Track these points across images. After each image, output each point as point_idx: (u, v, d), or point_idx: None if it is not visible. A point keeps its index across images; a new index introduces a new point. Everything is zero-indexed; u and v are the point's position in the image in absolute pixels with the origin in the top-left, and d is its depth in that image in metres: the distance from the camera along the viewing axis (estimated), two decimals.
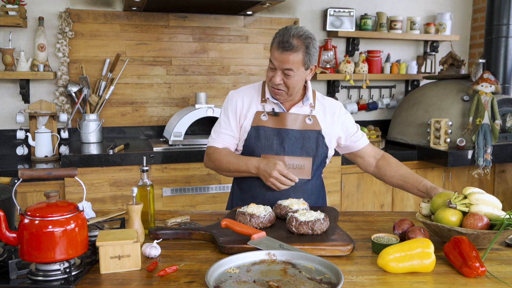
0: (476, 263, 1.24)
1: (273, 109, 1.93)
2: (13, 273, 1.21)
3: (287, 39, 1.77)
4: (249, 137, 1.93)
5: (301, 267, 1.26)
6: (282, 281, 1.17)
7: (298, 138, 1.92)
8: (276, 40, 1.80)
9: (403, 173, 1.95)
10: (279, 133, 1.91)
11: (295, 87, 1.87)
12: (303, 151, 1.92)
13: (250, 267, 1.26)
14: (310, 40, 1.80)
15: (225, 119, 1.97)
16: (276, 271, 1.24)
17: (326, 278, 1.19)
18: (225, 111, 1.99)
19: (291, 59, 1.78)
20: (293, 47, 1.77)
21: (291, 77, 1.82)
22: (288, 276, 1.21)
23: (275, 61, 1.81)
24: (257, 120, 1.93)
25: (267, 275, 1.22)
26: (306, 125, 1.93)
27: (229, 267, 1.25)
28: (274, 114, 1.92)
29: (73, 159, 2.80)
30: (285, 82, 1.84)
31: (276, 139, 1.91)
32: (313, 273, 1.23)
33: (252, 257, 1.30)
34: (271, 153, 1.91)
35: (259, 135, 1.91)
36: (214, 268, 1.21)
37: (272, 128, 1.92)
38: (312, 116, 1.95)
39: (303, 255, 1.30)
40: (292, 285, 1.16)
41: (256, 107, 1.95)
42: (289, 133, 1.91)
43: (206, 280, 1.14)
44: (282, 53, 1.78)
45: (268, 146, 1.91)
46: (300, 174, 1.92)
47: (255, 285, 1.16)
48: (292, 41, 1.77)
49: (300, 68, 1.82)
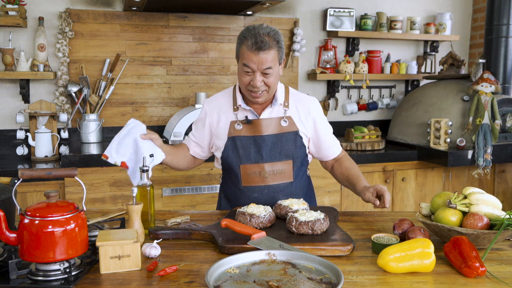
0: (476, 263, 1.24)
1: (246, 116, 1.90)
2: (13, 273, 1.21)
3: (261, 38, 1.73)
4: (226, 148, 1.90)
5: (301, 267, 1.26)
6: (282, 281, 1.17)
7: (276, 143, 1.89)
8: (248, 43, 1.74)
9: (349, 175, 1.94)
10: (255, 141, 1.89)
11: (275, 85, 1.85)
12: (282, 155, 1.90)
13: (250, 267, 1.26)
14: (278, 35, 1.79)
15: (195, 128, 2.00)
16: (276, 271, 1.24)
17: (326, 278, 1.19)
18: (198, 120, 2.00)
19: (269, 58, 1.75)
20: (268, 46, 1.74)
21: (270, 76, 1.79)
22: (288, 276, 1.21)
23: (251, 63, 1.76)
24: (232, 130, 1.90)
25: (267, 275, 1.22)
26: (281, 128, 1.90)
27: (229, 267, 1.25)
28: (247, 122, 1.89)
29: (73, 159, 2.80)
30: (265, 83, 1.80)
31: (253, 147, 1.88)
32: (313, 273, 1.23)
33: (252, 257, 1.30)
34: (250, 162, 1.89)
35: (236, 145, 1.89)
36: (214, 268, 1.21)
37: (247, 137, 1.89)
38: (287, 117, 1.92)
39: (303, 255, 1.30)
40: (292, 285, 1.16)
41: (228, 116, 1.92)
42: (265, 139, 1.89)
43: (206, 280, 1.14)
44: (258, 54, 1.74)
45: (246, 156, 1.89)
46: (281, 178, 1.92)
47: (255, 285, 1.16)
48: (266, 40, 1.73)
49: (276, 65, 1.81)
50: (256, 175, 1.90)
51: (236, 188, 1.94)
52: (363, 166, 3.31)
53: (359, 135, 3.56)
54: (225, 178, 2.01)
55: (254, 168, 1.89)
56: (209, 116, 1.94)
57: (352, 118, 4.08)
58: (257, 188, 1.91)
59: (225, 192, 2.02)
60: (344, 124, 4.01)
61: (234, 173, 1.92)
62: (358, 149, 3.48)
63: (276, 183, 1.91)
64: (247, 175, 1.90)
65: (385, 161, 3.38)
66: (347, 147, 3.48)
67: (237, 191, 1.94)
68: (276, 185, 1.91)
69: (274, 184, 1.91)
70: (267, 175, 1.90)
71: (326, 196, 3.25)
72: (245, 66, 1.78)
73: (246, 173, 1.90)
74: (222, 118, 1.92)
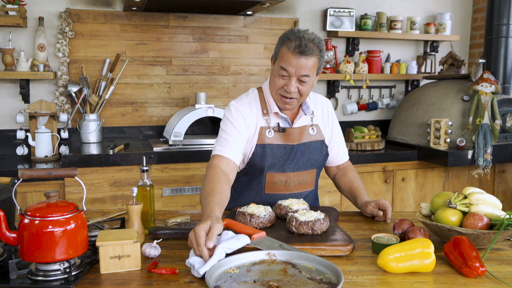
0: (476, 263, 1.24)
1: (278, 124, 1.81)
2: (13, 273, 1.21)
3: (306, 43, 1.64)
4: (254, 155, 1.80)
5: (301, 267, 1.26)
6: (282, 281, 1.17)
7: (304, 152, 1.85)
8: (292, 45, 1.65)
9: (351, 187, 1.92)
10: (285, 150, 1.82)
11: (307, 94, 1.77)
12: (308, 164, 1.86)
13: (250, 267, 1.26)
14: (322, 44, 1.71)
15: (231, 129, 1.76)
16: (276, 271, 1.24)
17: (326, 278, 1.19)
18: (230, 122, 1.78)
19: (309, 64, 1.67)
20: (312, 51, 1.65)
21: (306, 84, 1.71)
22: (288, 276, 1.21)
23: (290, 67, 1.66)
24: (262, 137, 1.79)
25: (267, 275, 1.22)
26: (310, 137, 1.86)
27: (229, 267, 1.25)
28: (281, 131, 1.80)
29: (73, 159, 2.80)
30: (299, 90, 1.71)
31: (283, 156, 1.82)
32: (313, 273, 1.23)
33: (252, 257, 1.30)
34: (277, 171, 1.82)
35: (265, 153, 1.80)
36: (214, 268, 1.21)
37: (278, 145, 1.80)
38: (314, 125, 1.88)
39: (303, 255, 1.29)
40: (292, 285, 1.16)
41: (258, 121, 1.80)
42: (295, 148, 1.83)
43: (206, 280, 1.14)
44: (299, 58, 1.65)
45: (273, 164, 1.81)
46: (305, 187, 1.90)
47: (255, 285, 1.16)
48: (310, 45, 1.65)
49: (314, 74, 1.72)
50: (282, 184, 1.85)
51: (256, 194, 1.87)
52: (363, 166, 3.32)
53: (359, 135, 3.56)
54: (242, 183, 1.91)
55: (281, 177, 1.84)
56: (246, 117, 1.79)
57: (352, 118, 4.08)
58: (280, 195, 1.86)
59: (239, 195, 1.93)
60: (344, 124, 4.00)
61: (258, 180, 1.85)
62: (358, 149, 3.48)
63: (299, 192, 1.89)
64: (272, 183, 1.84)
65: (385, 161, 3.38)
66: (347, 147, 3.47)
67: (256, 197, 1.88)
68: (299, 193, 1.89)
69: (297, 193, 1.89)
70: (292, 185, 1.86)
71: (326, 196, 3.25)
72: (282, 69, 1.69)
73: (271, 181, 1.84)
74: (252, 122, 1.80)
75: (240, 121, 1.78)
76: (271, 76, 1.78)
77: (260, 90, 1.87)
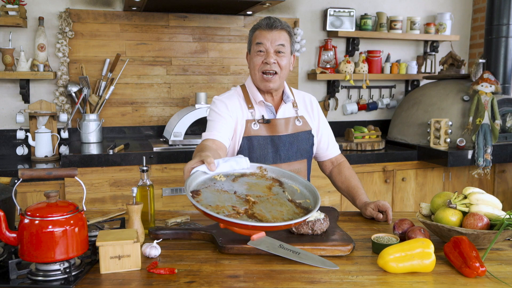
0: (476, 263, 1.24)
1: (263, 116, 1.88)
2: (13, 273, 1.21)
3: (274, 19, 1.82)
4: (242, 148, 1.85)
5: (287, 187, 1.24)
6: (261, 198, 1.15)
7: (292, 142, 1.89)
8: (262, 23, 1.82)
9: (349, 186, 1.94)
10: (272, 141, 1.87)
11: (286, 69, 1.87)
12: (298, 154, 1.90)
13: (238, 178, 1.24)
14: (290, 27, 1.87)
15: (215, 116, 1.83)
16: (261, 186, 1.21)
17: (305, 203, 1.17)
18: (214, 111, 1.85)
19: (282, 36, 1.81)
20: (281, 25, 1.82)
21: (283, 56, 1.83)
22: (270, 194, 1.18)
23: (265, 41, 1.80)
24: (248, 129, 1.86)
25: (250, 188, 1.19)
26: (297, 127, 1.92)
27: (217, 173, 1.23)
28: (266, 122, 1.87)
29: (73, 159, 2.80)
30: (278, 63, 1.82)
31: (271, 147, 1.87)
32: (296, 195, 1.21)
33: (244, 169, 1.28)
34: (268, 162, 1.85)
35: (252, 145, 1.85)
36: (199, 173, 1.18)
37: (265, 137, 1.86)
38: (300, 117, 1.94)
39: (293, 176, 1.28)
40: (269, 203, 1.14)
41: (244, 114, 1.87)
42: (283, 139, 1.88)
43: (188, 183, 1.10)
44: (271, 31, 1.80)
45: (263, 156, 1.85)
46: None
47: (233, 195, 1.13)
48: (278, 21, 1.82)
49: (288, 47, 1.85)
50: None
51: None
52: (363, 166, 3.32)
53: (359, 135, 3.56)
54: None
55: None
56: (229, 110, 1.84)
57: (352, 118, 4.08)
58: None
59: None
60: (344, 124, 4.01)
61: None
62: (358, 149, 3.48)
63: None
64: None
65: (385, 161, 3.38)
66: (347, 147, 3.48)
67: None
68: None
69: None
70: None
71: (326, 196, 3.25)
72: (258, 45, 1.82)
73: None
74: (238, 115, 1.86)
75: (223, 110, 1.85)
76: (250, 63, 1.88)
77: (243, 87, 1.96)
